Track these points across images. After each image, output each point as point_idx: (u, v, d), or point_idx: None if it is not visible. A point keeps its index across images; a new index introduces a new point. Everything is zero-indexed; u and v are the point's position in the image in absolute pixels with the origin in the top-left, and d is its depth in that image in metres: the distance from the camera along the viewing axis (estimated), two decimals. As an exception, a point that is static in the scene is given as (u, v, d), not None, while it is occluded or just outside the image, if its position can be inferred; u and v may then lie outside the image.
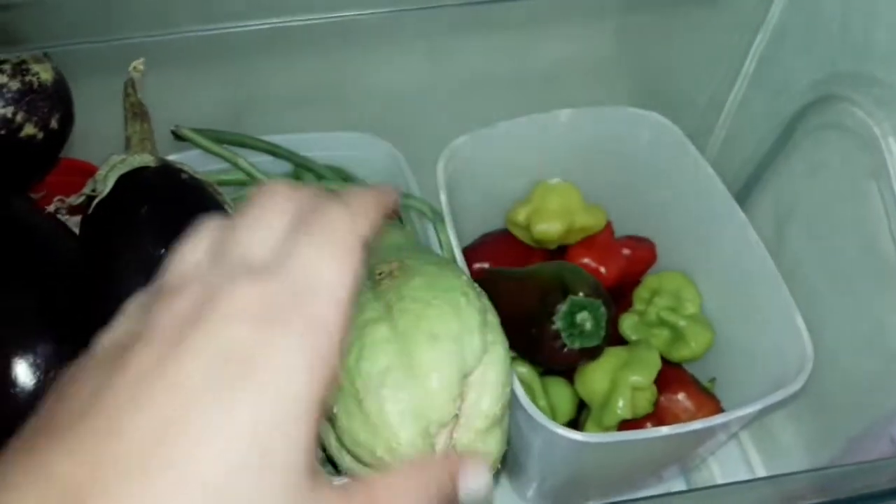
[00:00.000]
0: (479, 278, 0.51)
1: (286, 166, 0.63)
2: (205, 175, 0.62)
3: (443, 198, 0.60)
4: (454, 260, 0.57)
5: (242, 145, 0.62)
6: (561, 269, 0.61)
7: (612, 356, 0.60)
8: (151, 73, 0.62)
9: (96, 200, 0.46)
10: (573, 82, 0.72)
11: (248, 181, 0.61)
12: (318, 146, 0.64)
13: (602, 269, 0.68)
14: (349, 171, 0.65)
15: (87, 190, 0.47)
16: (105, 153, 0.60)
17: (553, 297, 0.57)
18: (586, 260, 0.68)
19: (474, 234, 0.71)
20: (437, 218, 0.60)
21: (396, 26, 0.64)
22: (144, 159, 0.47)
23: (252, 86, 0.66)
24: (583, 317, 0.57)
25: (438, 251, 0.59)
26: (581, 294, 0.57)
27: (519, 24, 0.67)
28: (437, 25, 0.65)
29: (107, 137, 0.59)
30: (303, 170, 0.63)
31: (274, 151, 0.62)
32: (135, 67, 0.52)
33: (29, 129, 0.46)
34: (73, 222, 0.58)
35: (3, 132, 0.45)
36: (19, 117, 0.46)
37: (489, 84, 0.70)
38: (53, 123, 0.48)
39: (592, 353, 0.58)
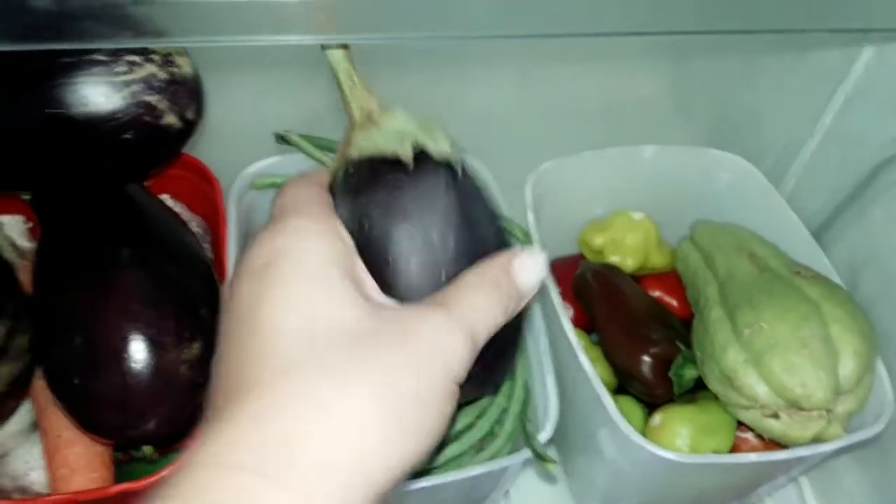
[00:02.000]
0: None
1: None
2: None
3: (531, 219, 0.62)
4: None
5: (342, 153, 0.63)
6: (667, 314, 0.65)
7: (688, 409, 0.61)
8: (250, 77, 0.64)
9: None
10: (655, 118, 0.74)
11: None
12: (413, 161, 0.66)
13: (674, 303, 0.69)
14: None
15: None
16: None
17: (669, 347, 0.61)
18: (658, 293, 0.70)
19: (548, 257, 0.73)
20: (527, 239, 0.61)
21: (492, 51, 0.66)
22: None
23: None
24: (691, 373, 0.59)
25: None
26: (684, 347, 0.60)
27: (608, 59, 0.69)
28: (531, 53, 0.67)
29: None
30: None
31: (372, 162, 0.64)
32: None
33: (170, 119, 0.48)
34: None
35: (147, 118, 0.47)
36: (163, 106, 0.47)
37: (575, 113, 0.72)
38: (190, 115, 0.50)
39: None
